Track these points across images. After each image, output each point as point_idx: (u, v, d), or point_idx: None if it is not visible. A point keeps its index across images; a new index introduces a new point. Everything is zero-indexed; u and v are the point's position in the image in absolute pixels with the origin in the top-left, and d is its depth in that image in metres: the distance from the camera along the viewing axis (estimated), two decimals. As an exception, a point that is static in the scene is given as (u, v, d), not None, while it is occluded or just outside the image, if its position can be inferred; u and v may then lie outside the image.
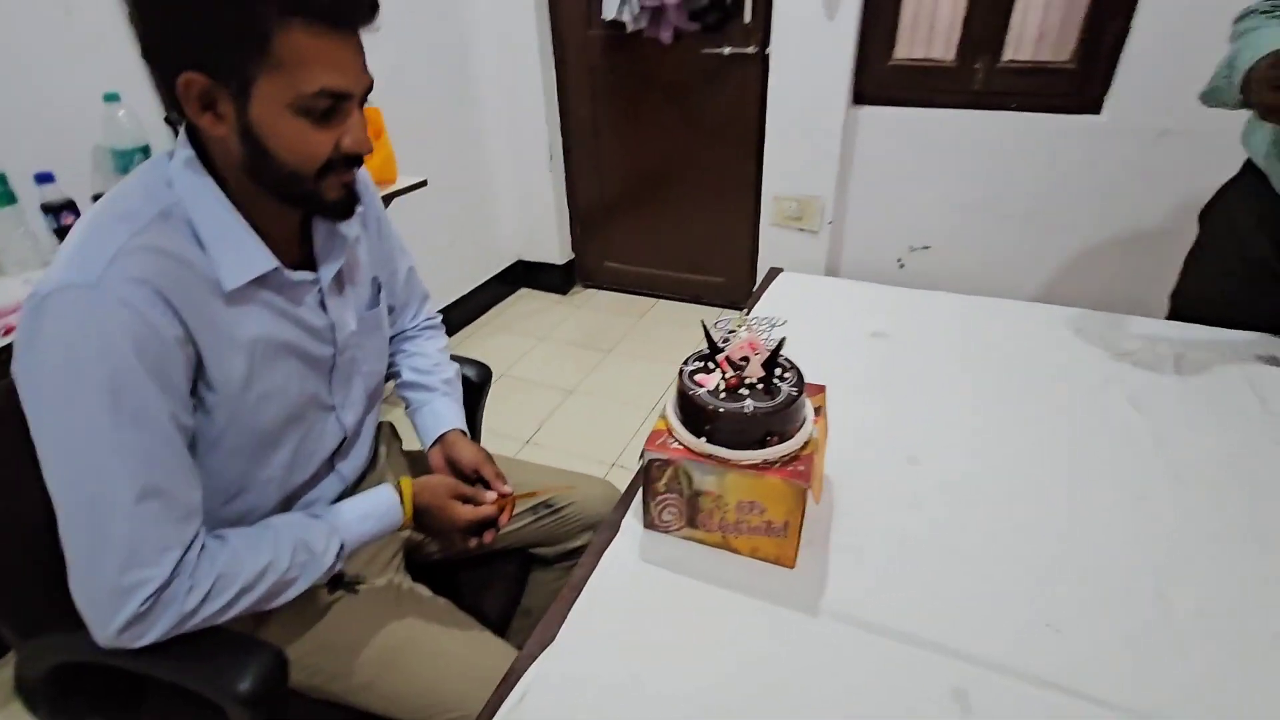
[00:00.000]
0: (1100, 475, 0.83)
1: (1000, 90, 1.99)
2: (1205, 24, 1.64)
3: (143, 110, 1.40)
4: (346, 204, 0.67)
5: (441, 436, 0.90)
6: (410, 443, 1.02)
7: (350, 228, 0.75)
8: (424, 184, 1.83)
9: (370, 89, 0.63)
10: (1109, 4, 1.80)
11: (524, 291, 2.95)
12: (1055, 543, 0.73)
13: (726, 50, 2.22)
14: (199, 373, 0.62)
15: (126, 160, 1.37)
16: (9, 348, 1.00)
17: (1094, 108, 1.91)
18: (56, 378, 0.55)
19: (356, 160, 0.65)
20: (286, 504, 0.75)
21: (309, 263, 0.72)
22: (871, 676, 0.60)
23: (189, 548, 0.59)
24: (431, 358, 0.96)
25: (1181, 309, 1.23)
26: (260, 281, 0.65)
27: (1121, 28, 1.80)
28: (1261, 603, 0.66)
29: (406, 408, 0.95)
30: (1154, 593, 0.67)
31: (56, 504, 0.57)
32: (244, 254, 0.63)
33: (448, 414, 0.92)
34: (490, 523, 0.80)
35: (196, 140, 0.63)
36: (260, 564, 0.63)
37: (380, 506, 0.74)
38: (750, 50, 2.19)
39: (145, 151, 1.40)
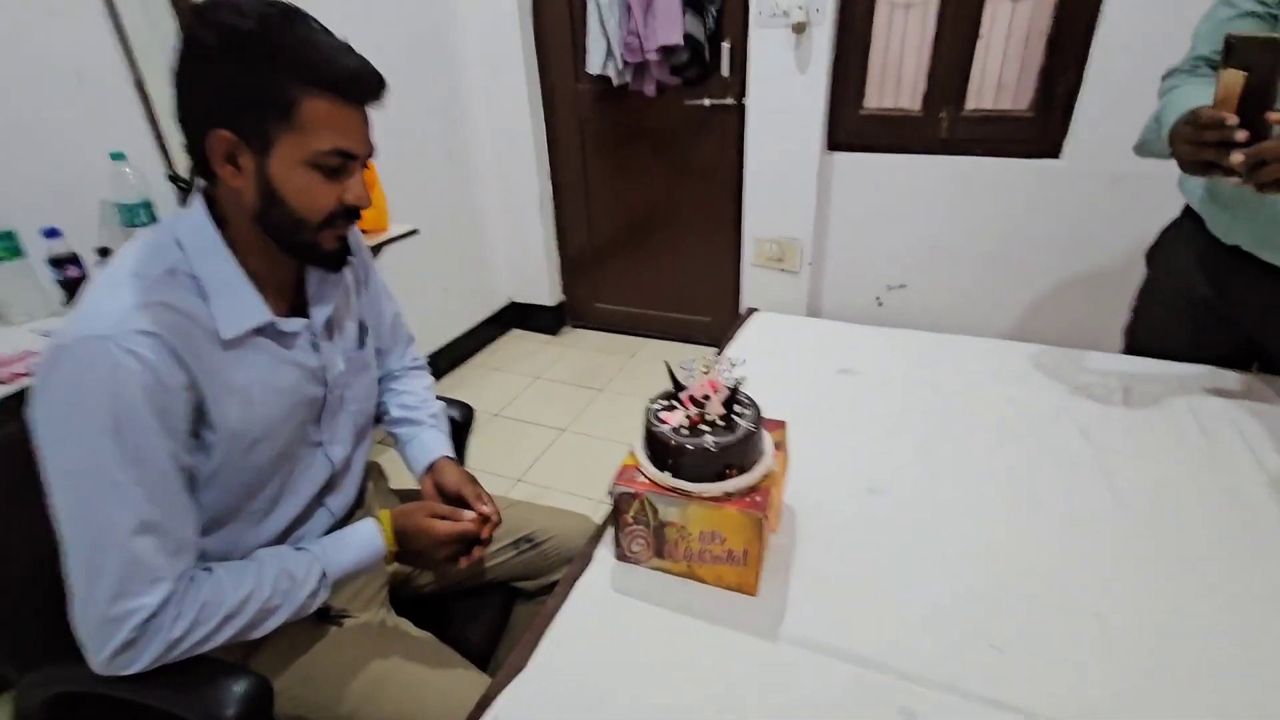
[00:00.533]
0: (1047, 502, 0.88)
1: (965, 137, 2.10)
2: (1152, 76, 1.75)
3: (147, 167, 1.48)
4: (339, 256, 0.75)
5: (431, 464, 0.95)
6: (396, 483, 1.07)
7: (340, 275, 0.82)
8: (415, 233, 1.91)
9: (372, 154, 0.72)
10: (1061, 58, 1.92)
11: (515, 332, 3.01)
12: (1001, 567, 0.78)
13: (707, 102, 2.33)
14: (200, 415, 0.67)
15: (131, 214, 1.44)
16: (19, 395, 1.06)
17: (1053, 153, 2.01)
18: (68, 419, 0.60)
19: (355, 213, 0.73)
20: (279, 539, 0.79)
21: (302, 307, 0.79)
22: (826, 698, 0.64)
23: (179, 579, 0.63)
24: (418, 395, 1.01)
25: (1133, 344, 1.29)
26: (256, 329, 0.71)
27: (1074, 79, 1.91)
28: (1191, 621, 0.70)
29: (397, 443, 1.00)
30: (1090, 613, 0.71)
31: (61, 536, 0.62)
32: (242, 306, 0.70)
33: (435, 444, 0.97)
34: (473, 541, 0.84)
35: (209, 196, 0.71)
36: (243, 592, 0.67)
37: (360, 535, 0.78)
38: (729, 101, 2.31)
39: (148, 206, 1.47)
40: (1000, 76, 2.02)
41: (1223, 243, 1.10)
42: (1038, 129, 2.01)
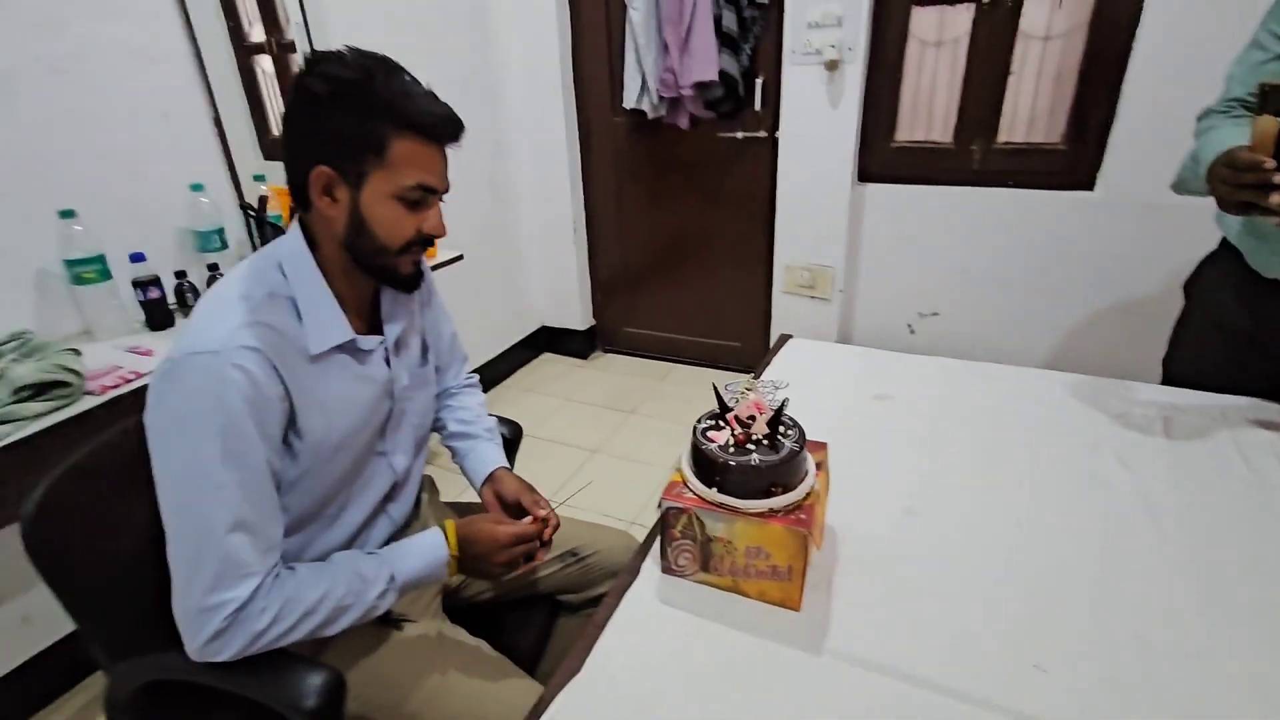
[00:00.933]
0: (1085, 528, 0.89)
1: (997, 169, 2.13)
2: (1185, 108, 1.77)
3: (220, 198, 1.59)
4: (414, 279, 0.83)
5: (490, 475, 1.00)
6: (447, 497, 1.12)
7: (410, 296, 0.90)
8: (460, 258, 1.99)
9: (448, 190, 0.79)
10: (1093, 92, 1.95)
11: (547, 356, 3.08)
12: (1043, 589, 0.79)
13: (740, 134, 2.41)
14: (291, 424, 0.74)
15: (205, 240, 1.55)
16: (114, 401, 1.14)
17: (1087, 184, 2.03)
18: (179, 425, 0.67)
19: (430, 241, 0.80)
20: (347, 543, 0.85)
21: (376, 325, 0.86)
22: (870, 713, 0.66)
23: (267, 575, 0.69)
24: (473, 410, 1.07)
25: (1171, 375, 1.29)
26: (338, 346, 0.78)
27: (1107, 112, 1.94)
28: (1234, 645, 0.71)
29: (455, 456, 1.05)
30: (1132, 635, 0.72)
31: (167, 532, 0.68)
32: (329, 324, 0.77)
33: (491, 456, 1.02)
34: (532, 543, 0.87)
35: (303, 223, 0.79)
36: (320, 590, 0.72)
37: (425, 543, 0.82)
38: (761, 134, 2.38)
39: (220, 233, 1.57)
40: (1032, 110, 2.05)
41: (1262, 276, 1.11)
42: (1070, 161, 2.04)
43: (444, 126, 0.75)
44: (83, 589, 0.72)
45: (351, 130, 0.71)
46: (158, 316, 1.42)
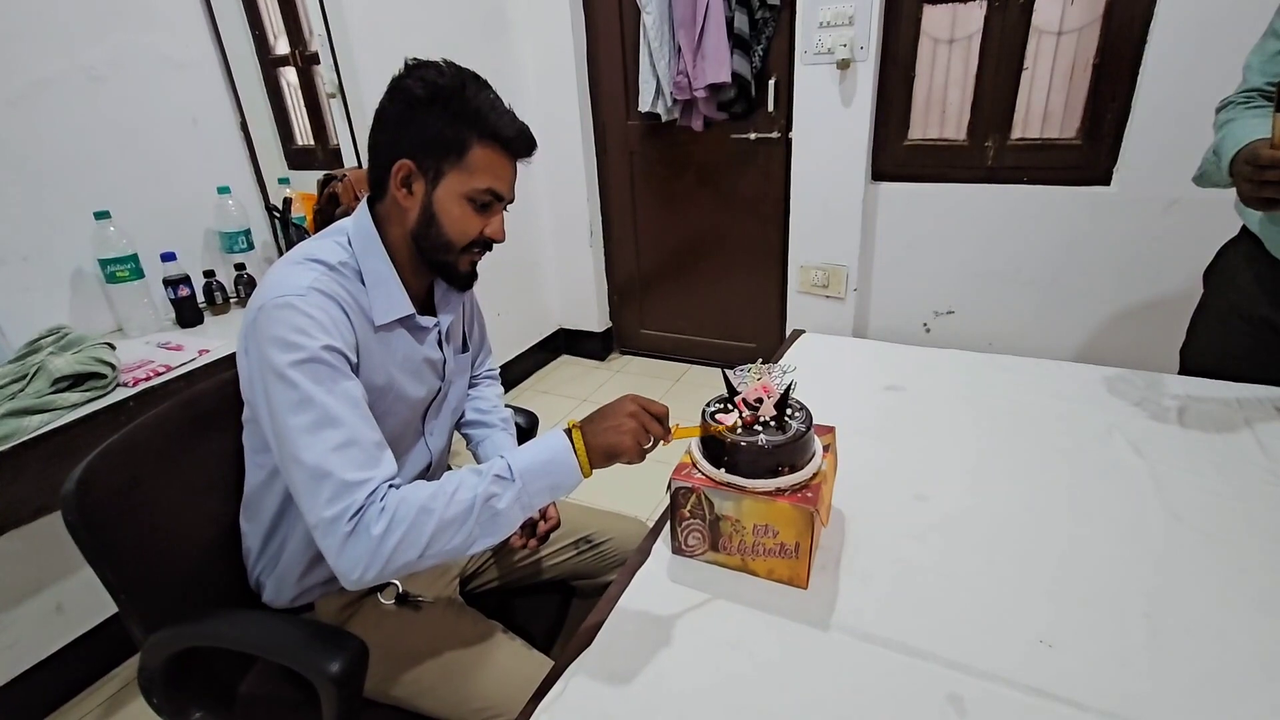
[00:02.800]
0: (1097, 509, 0.89)
1: (1012, 165, 2.13)
2: (1201, 99, 1.76)
3: (247, 200, 1.65)
4: (469, 278, 0.88)
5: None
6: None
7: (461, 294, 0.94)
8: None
9: (513, 201, 0.85)
10: (1108, 86, 1.94)
11: (564, 358, 3.11)
12: (1052, 568, 0.79)
13: (753, 136, 2.43)
14: (357, 375, 0.77)
15: (231, 240, 1.60)
16: (146, 393, 1.19)
17: (1103, 179, 2.01)
18: (272, 364, 0.70)
19: (490, 245, 0.85)
20: None
21: (429, 311, 0.91)
22: (874, 682, 0.67)
23: (381, 483, 0.69)
24: (490, 400, 1.12)
25: (1189, 364, 1.28)
26: (399, 320, 0.83)
27: (1123, 107, 1.93)
28: (1244, 623, 0.71)
29: (469, 444, 1.09)
30: (1142, 614, 0.72)
31: (282, 468, 0.72)
32: (393, 299, 0.82)
33: (505, 446, 1.05)
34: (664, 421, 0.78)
35: (373, 209, 0.84)
36: (432, 487, 0.70)
37: (541, 439, 0.75)
38: (774, 135, 2.39)
39: (247, 234, 1.63)
40: (1046, 105, 2.05)
41: None
42: (1086, 156, 2.03)
43: (520, 141, 0.81)
44: (120, 563, 0.75)
45: (440, 131, 0.77)
46: (187, 313, 1.47)
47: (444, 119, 0.77)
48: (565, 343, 3.10)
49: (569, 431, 0.75)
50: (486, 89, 0.80)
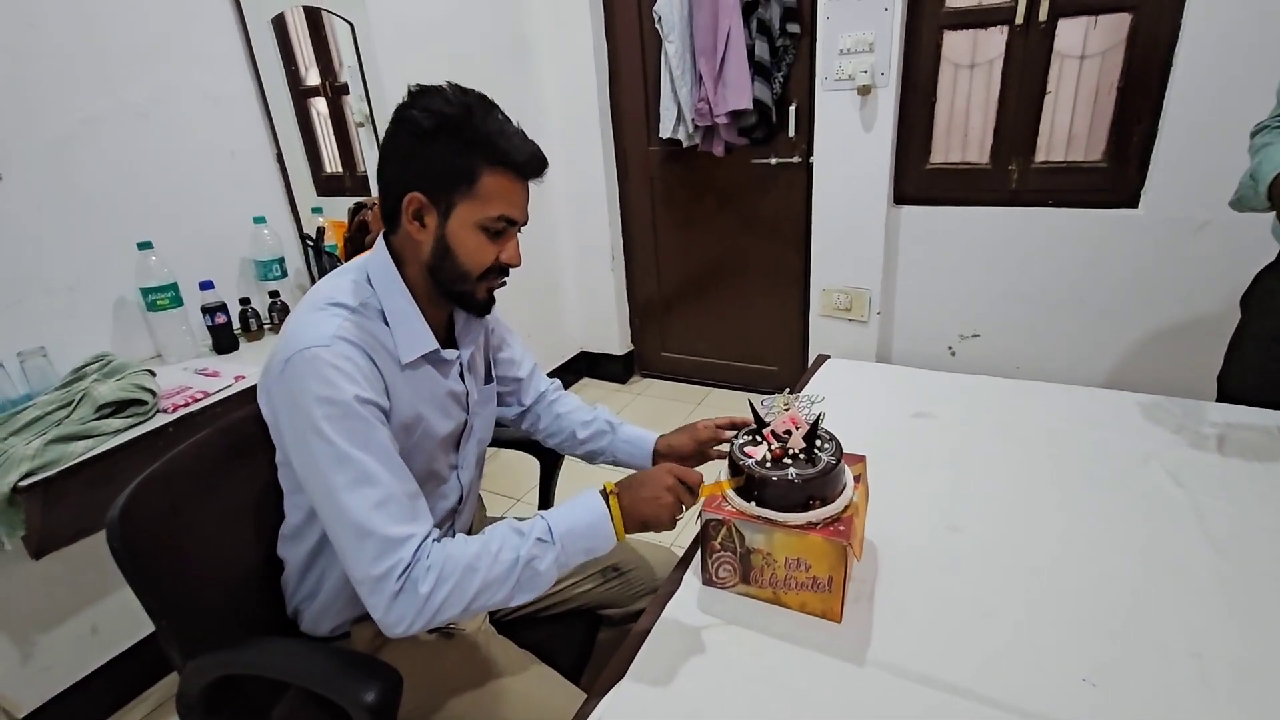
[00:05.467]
0: (1136, 544, 0.87)
1: (1036, 188, 2.11)
2: (1231, 121, 1.75)
3: (281, 230, 1.69)
4: (487, 305, 0.87)
5: (654, 448, 1.03)
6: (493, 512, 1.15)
7: (481, 320, 0.94)
8: (503, 283, 2.06)
9: (527, 223, 0.84)
10: (1134, 108, 1.93)
11: (586, 380, 3.13)
12: (1092, 603, 0.78)
13: (774, 160, 2.44)
14: (388, 416, 0.78)
15: (266, 269, 1.64)
16: (184, 419, 1.21)
17: (1131, 202, 1.99)
18: (305, 418, 0.71)
19: (507, 271, 0.85)
20: None
21: (450, 344, 0.91)
22: (913, 721, 0.66)
23: (425, 538, 0.71)
24: (585, 410, 1.10)
25: (1227, 391, 1.26)
26: (424, 356, 0.83)
27: (1149, 129, 1.91)
28: (1299, 667, 0.68)
29: (595, 459, 1.08)
30: (1189, 652, 0.70)
31: (323, 520, 0.72)
32: (417, 335, 0.82)
33: (639, 433, 1.06)
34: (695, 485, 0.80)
35: (389, 244, 0.84)
36: (476, 545, 0.71)
37: (576, 499, 0.79)
38: (795, 160, 2.41)
39: (280, 262, 1.67)
40: (1070, 129, 2.04)
41: None
42: (1112, 179, 2.01)
43: (531, 164, 0.80)
44: (161, 589, 0.76)
45: (448, 161, 0.76)
46: (223, 340, 1.51)
47: (452, 149, 0.75)
48: (587, 365, 3.12)
49: (606, 494, 0.77)
50: (494, 111, 0.78)
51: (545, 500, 1.22)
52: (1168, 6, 1.80)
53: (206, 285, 1.49)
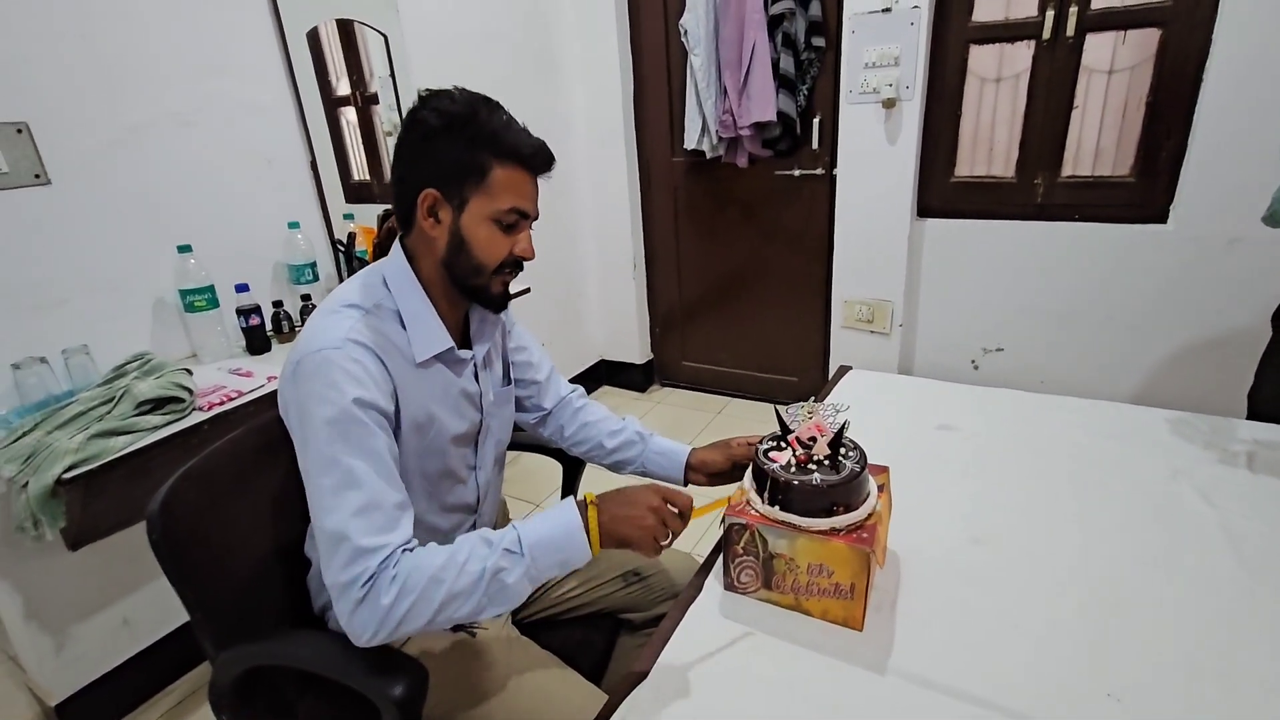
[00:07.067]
0: (1163, 558, 0.86)
1: (1063, 203, 2.10)
2: (1262, 139, 1.73)
3: (314, 235, 1.74)
4: (503, 300, 0.89)
5: (687, 462, 1.01)
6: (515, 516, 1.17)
7: (497, 318, 0.96)
8: (528, 291, 2.09)
9: (538, 217, 0.86)
10: (1163, 123, 1.91)
11: (606, 388, 3.14)
12: (1117, 619, 0.77)
13: (797, 172, 2.45)
14: (398, 418, 0.80)
15: (299, 273, 1.69)
16: (219, 417, 1.24)
17: (1159, 218, 1.97)
18: (307, 417, 0.73)
19: (520, 264, 0.86)
20: None
21: (465, 344, 0.93)
22: (936, 731, 0.66)
23: (396, 549, 0.71)
24: (613, 419, 1.09)
25: (1258, 409, 1.24)
26: (438, 355, 0.85)
27: (1178, 144, 1.89)
28: (1333, 688, 0.67)
29: (624, 469, 1.07)
30: (1216, 672, 0.69)
31: (311, 515, 0.74)
32: (432, 334, 0.84)
33: (668, 446, 1.04)
34: (685, 514, 0.79)
35: (404, 244, 0.86)
36: (444, 555, 0.71)
37: (552, 509, 0.77)
38: (819, 171, 2.42)
39: (313, 266, 1.71)
40: (1098, 143, 2.03)
41: None
42: (1141, 194, 1.99)
43: (538, 157, 0.82)
44: (198, 582, 0.79)
45: (458, 157, 0.79)
46: (257, 341, 1.55)
47: (461, 145, 0.78)
48: (606, 373, 3.13)
49: (585, 504, 0.76)
50: (499, 110, 0.81)
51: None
52: (1199, 22, 1.79)
53: (242, 288, 1.54)
